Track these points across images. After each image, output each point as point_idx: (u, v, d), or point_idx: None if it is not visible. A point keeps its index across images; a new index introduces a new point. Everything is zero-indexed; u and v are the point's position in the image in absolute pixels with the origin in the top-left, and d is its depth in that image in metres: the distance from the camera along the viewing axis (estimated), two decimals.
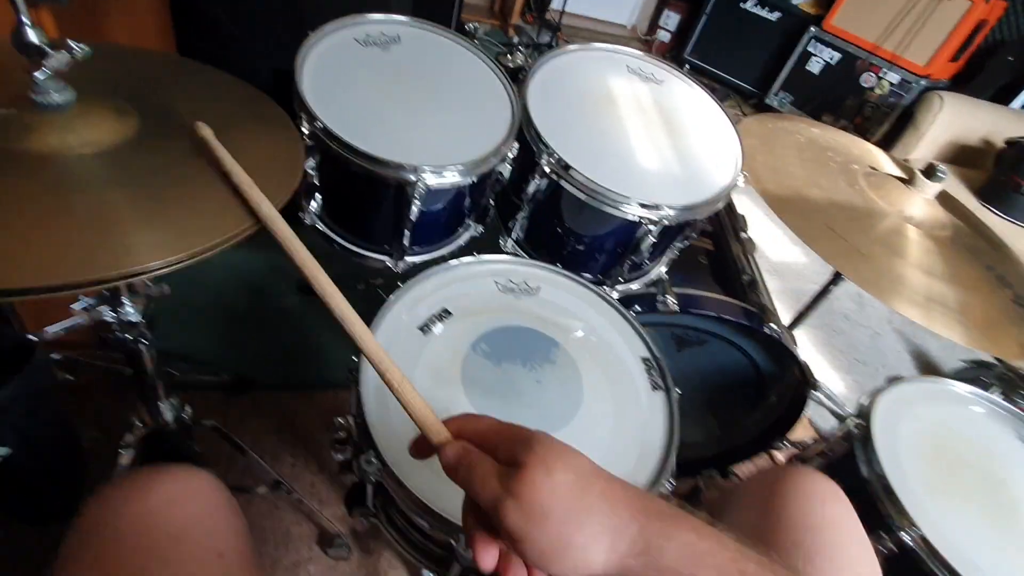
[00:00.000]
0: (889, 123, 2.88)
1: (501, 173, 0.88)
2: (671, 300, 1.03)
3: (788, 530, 0.58)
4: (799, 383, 1.13)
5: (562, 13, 3.43)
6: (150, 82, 0.64)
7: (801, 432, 1.67)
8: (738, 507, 0.67)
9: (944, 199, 1.05)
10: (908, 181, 1.01)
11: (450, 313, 0.80)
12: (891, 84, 2.86)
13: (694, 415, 1.34)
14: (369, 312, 0.75)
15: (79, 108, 0.54)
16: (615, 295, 1.03)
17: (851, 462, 0.93)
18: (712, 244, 1.25)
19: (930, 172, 0.98)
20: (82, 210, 0.49)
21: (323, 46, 0.84)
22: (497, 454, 0.38)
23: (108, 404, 1.19)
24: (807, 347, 1.95)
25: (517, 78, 0.95)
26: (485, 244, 1.01)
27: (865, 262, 0.87)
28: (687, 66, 3.71)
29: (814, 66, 3.16)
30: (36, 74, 0.49)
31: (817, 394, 1.13)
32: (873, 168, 1.08)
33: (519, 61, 1.01)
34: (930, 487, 0.88)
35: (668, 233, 0.93)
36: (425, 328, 0.78)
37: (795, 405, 1.17)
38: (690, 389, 1.30)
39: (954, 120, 2.41)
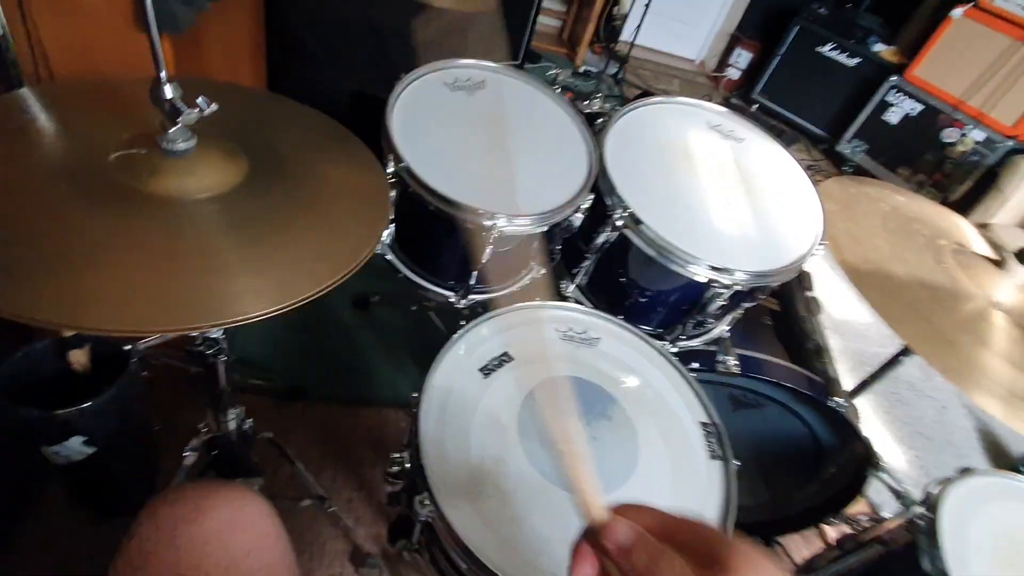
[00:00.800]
0: (971, 182, 2.73)
1: (572, 223, 0.89)
2: (732, 361, 1.00)
3: None
4: (861, 460, 1.07)
5: (631, 45, 3.44)
6: (253, 122, 0.68)
7: (854, 507, 1.59)
8: None
9: None
10: (999, 263, 0.95)
11: (511, 358, 0.81)
12: (975, 142, 2.71)
13: (743, 479, 1.28)
14: (415, 330, 0.76)
15: (198, 152, 0.57)
16: (673, 350, 1.01)
17: (911, 554, 0.87)
18: (778, 303, 1.21)
19: (1022, 256, 0.92)
20: (192, 255, 0.52)
21: (414, 88, 0.88)
22: (684, 550, 0.33)
23: (177, 400, 1.25)
24: (867, 414, 1.85)
25: (593, 123, 0.96)
26: (544, 284, 1.02)
27: (946, 346, 0.82)
28: (756, 106, 3.64)
29: (892, 116, 3.04)
30: (170, 132, 0.52)
31: (883, 474, 1.07)
32: (960, 245, 1.02)
33: (595, 107, 1.02)
34: None
35: (738, 296, 0.91)
36: (486, 371, 0.78)
37: (854, 482, 1.11)
38: (742, 451, 1.25)
39: None
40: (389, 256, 0.94)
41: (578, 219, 0.88)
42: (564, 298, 0.99)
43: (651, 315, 0.96)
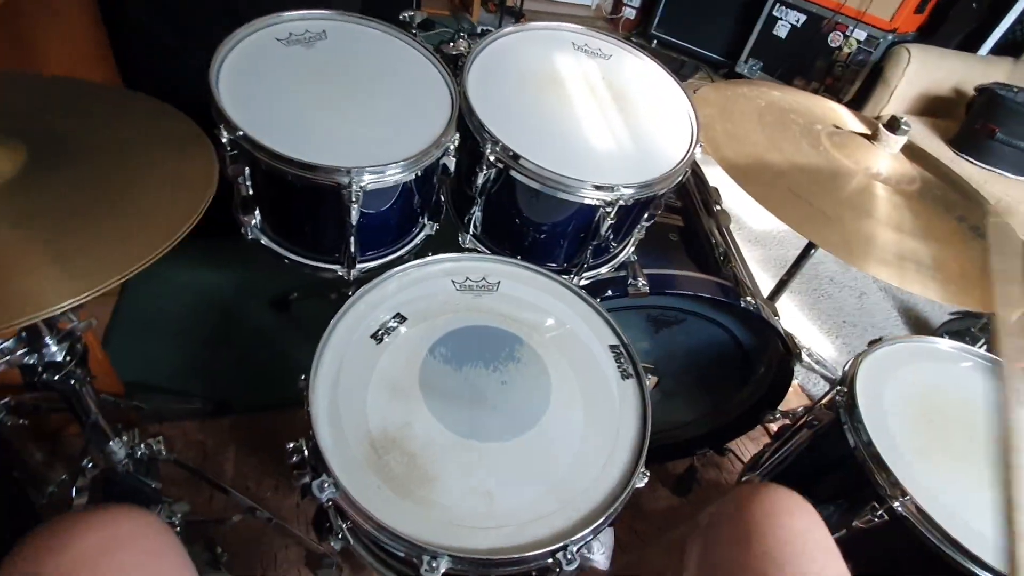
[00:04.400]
0: (860, 81, 2.85)
1: (446, 167, 0.84)
2: (641, 282, 1.00)
3: (758, 544, 0.59)
4: (783, 354, 1.10)
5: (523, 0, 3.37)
6: (43, 111, 0.60)
7: (795, 401, 1.66)
8: (711, 526, 0.66)
9: (911, 152, 1.02)
10: (872, 137, 0.98)
11: (404, 318, 0.76)
12: (858, 42, 2.83)
13: (682, 395, 1.31)
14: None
15: None
16: (583, 282, 1.00)
17: (837, 431, 0.90)
18: (682, 220, 1.21)
19: (893, 125, 0.95)
20: None
21: (241, 48, 0.80)
22: None
23: (69, 444, 1.15)
24: (794, 313, 1.93)
25: (459, 66, 0.90)
26: (444, 242, 0.98)
27: (832, 225, 0.84)
28: (655, 41, 3.66)
29: (781, 30, 3.13)
30: None
31: (806, 362, 1.10)
32: (837, 127, 1.04)
33: (461, 48, 0.97)
34: (920, 451, 0.85)
35: (629, 213, 0.89)
36: (378, 336, 0.74)
37: (782, 376, 1.14)
38: (674, 369, 1.28)
39: (923, 72, 2.38)
40: (264, 240, 0.86)
41: (451, 162, 0.83)
42: (463, 250, 0.95)
43: (552, 250, 0.94)
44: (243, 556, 1.09)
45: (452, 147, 0.81)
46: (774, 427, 1.47)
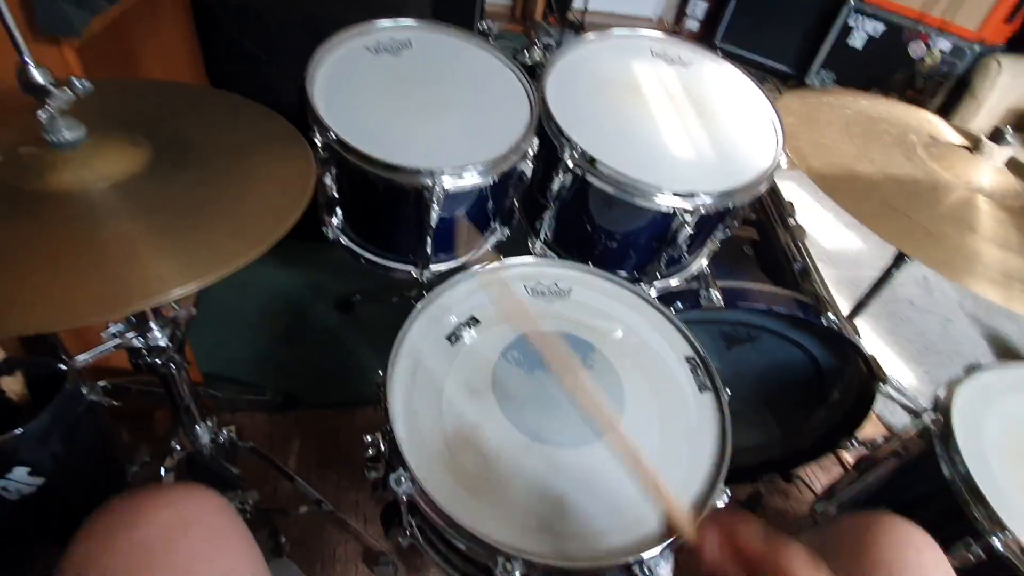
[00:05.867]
0: (944, 94, 2.67)
1: (523, 172, 0.84)
2: (715, 294, 0.97)
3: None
4: (865, 377, 1.03)
5: (584, 12, 3.38)
6: (164, 113, 0.65)
7: (870, 430, 1.55)
8: (831, 554, 0.62)
9: (1014, 165, 0.94)
10: (974, 149, 0.91)
11: (478, 321, 0.77)
12: (943, 52, 2.66)
13: (750, 416, 1.25)
14: (401, 322, 0.73)
15: (92, 143, 0.54)
16: (653, 292, 0.97)
17: (930, 462, 0.84)
18: (757, 233, 1.17)
19: (997, 136, 0.88)
20: (97, 245, 0.49)
21: (334, 57, 0.84)
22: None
23: (158, 428, 1.22)
24: (871, 338, 1.81)
25: (535, 74, 0.91)
26: (513, 247, 0.98)
27: (932, 240, 0.78)
28: (720, 53, 3.58)
29: (856, 40, 2.99)
30: (39, 113, 0.49)
31: (886, 388, 1.03)
32: (933, 137, 0.98)
33: (536, 57, 0.98)
34: (1021, 487, 0.78)
35: (706, 223, 0.87)
36: (453, 337, 0.75)
37: (862, 402, 1.08)
38: (744, 389, 1.22)
39: (1015, 84, 2.22)
40: (343, 240, 0.90)
41: (528, 167, 0.84)
42: (527, 251, 0.95)
43: (623, 259, 0.92)
44: (304, 547, 1.12)
45: (531, 152, 0.82)
46: (848, 456, 1.38)
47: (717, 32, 3.57)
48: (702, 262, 1.00)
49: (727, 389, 0.74)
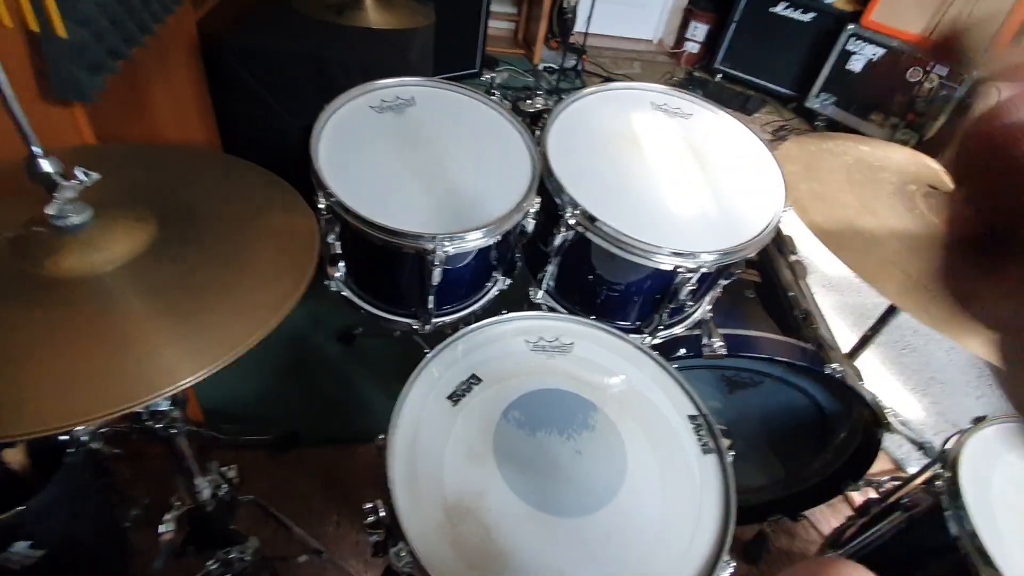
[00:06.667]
0: (944, 117, 2.68)
1: (525, 227, 0.85)
2: (718, 343, 0.96)
3: None
4: (868, 421, 1.03)
5: (586, 35, 3.42)
6: (168, 180, 0.65)
7: (879, 465, 1.54)
8: None
9: None
10: None
11: (479, 380, 0.77)
12: (941, 77, 2.68)
13: (755, 458, 1.24)
14: (403, 355, 0.73)
15: (99, 224, 0.54)
16: (655, 341, 0.97)
17: (936, 518, 0.83)
18: (759, 275, 1.17)
19: None
20: (104, 334, 0.49)
21: (338, 117, 0.85)
22: None
23: (156, 468, 1.21)
24: (875, 369, 1.80)
25: (538, 123, 0.92)
26: (518, 294, 0.99)
27: (930, 298, 0.78)
28: (720, 75, 3.61)
29: (855, 64, 3.01)
30: (47, 209, 0.49)
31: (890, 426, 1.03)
32: (932, 187, 0.98)
33: (538, 105, 0.99)
34: None
35: (707, 277, 0.87)
36: (455, 397, 0.75)
37: (867, 444, 1.07)
38: (748, 431, 1.22)
39: None
40: (345, 292, 0.90)
41: (530, 224, 0.84)
42: (534, 306, 0.95)
43: (625, 310, 0.92)
44: None
45: (532, 210, 0.82)
46: (856, 497, 1.37)
47: (717, 55, 3.60)
48: (705, 308, 1.00)
49: (729, 434, 0.73)
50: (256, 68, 1.41)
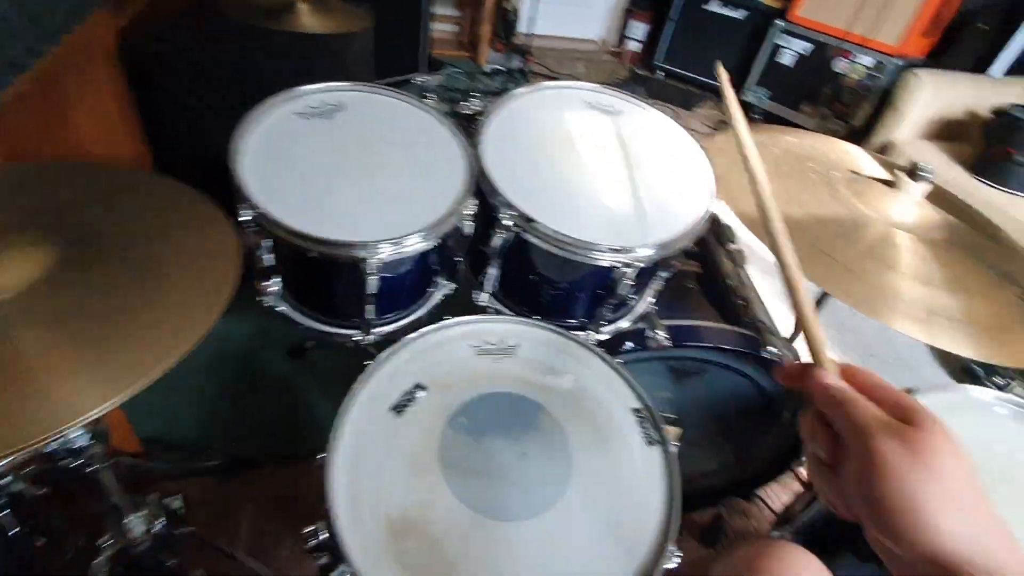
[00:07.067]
0: (871, 105, 2.84)
1: (463, 230, 0.84)
2: (662, 335, 0.98)
3: None
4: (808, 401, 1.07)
5: (531, 36, 3.45)
6: (76, 200, 0.61)
7: None
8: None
9: (936, 196, 1.00)
10: (893, 184, 0.97)
11: (424, 388, 0.76)
12: (866, 68, 2.83)
13: (706, 443, 1.27)
14: (357, 366, 0.71)
15: None
16: (602, 337, 0.98)
17: None
18: (699, 265, 1.20)
19: (913, 173, 0.94)
20: (5, 367, 0.45)
21: (262, 126, 0.82)
22: (883, 404, 0.38)
23: (87, 504, 1.14)
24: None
25: (473, 124, 0.92)
26: (463, 299, 0.97)
27: (856, 279, 0.82)
28: (661, 73, 3.71)
29: (786, 58, 3.14)
30: None
31: None
32: (855, 172, 1.03)
33: (476, 107, 0.98)
34: None
35: (648, 270, 0.88)
36: (399, 408, 0.73)
37: None
38: (697, 418, 1.24)
39: (935, 96, 2.37)
40: (281, 308, 0.87)
41: (469, 226, 0.84)
42: (480, 309, 0.94)
43: (569, 308, 0.93)
44: None
45: (469, 213, 0.81)
46: (804, 472, 1.42)
47: (657, 53, 3.70)
48: (648, 301, 1.02)
49: (679, 423, 0.74)
50: (184, 78, 1.35)
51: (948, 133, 2.42)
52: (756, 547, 0.65)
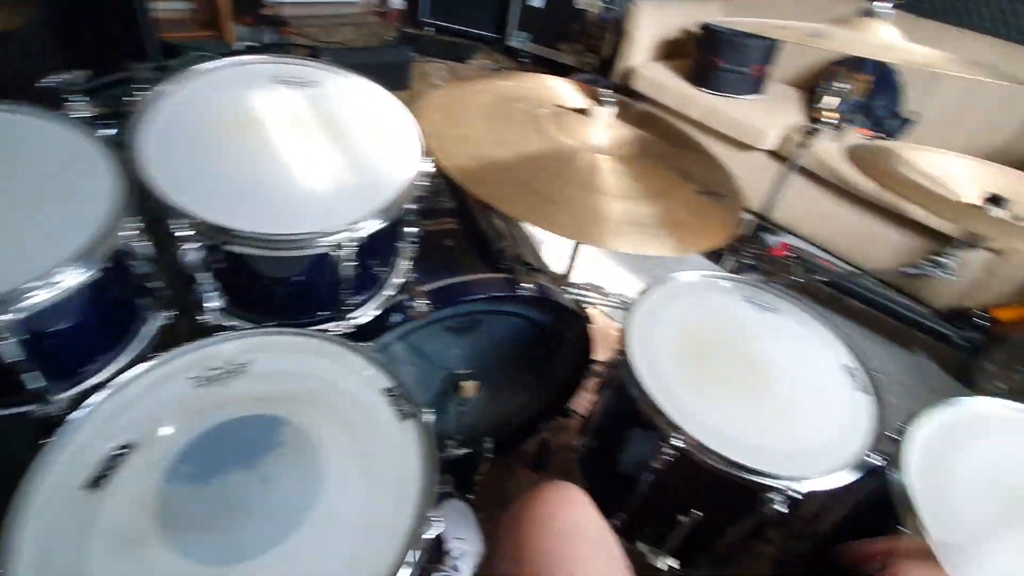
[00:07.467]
0: (614, 36, 3.11)
1: (133, 252, 0.72)
2: (422, 303, 0.97)
3: (538, 539, 0.65)
4: (577, 317, 1.16)
5: (281, 4, 3.13)
6: None
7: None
8: (503, 526, 0.70)
9: (629, 114, 1.11)
10: (585, 112, 1.05)
11: (131, 446, 0.65)
12: (602, 3, 3.07)
13: (510, 383, 1.33)
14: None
15: None
16: (363, 321, 0.94)
17: (624, 385, 0.95)
18: (456, 222, 1.21)
19: (600, 99, 1.02)
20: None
21: None
22: None
23: None
24: (599, 261, 2.09)
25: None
26: (193, 326, 0.86)
27: (562, 209, 0.88)
28: (431, 29, 3.64)
29: (536, 1, 3.28)
30: None
31: (607, 307, 1.15)
32: (559, 106, 1.10)
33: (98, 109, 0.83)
34: (691, 385, 0.91)
35: (377, 243, 0.85)
36: (97, 482, 0.62)
37: (585, 337, 1.21)
38: (493, 365, 1.29)
39: (655, 22, 2.66)
40: None
41: (139, 248, 0.72)
42: (203, 330, 0.83)
43: (308, 304, 0.87)
44: None
45: (129, 235, 0.69)
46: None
47: (420, 8, 3.61)
48: (403, 271, 1.00)
49: (475, 376, 0.73)
50: None
51: (672, 52, 2.75)
52: (532, 491, 0.71)
